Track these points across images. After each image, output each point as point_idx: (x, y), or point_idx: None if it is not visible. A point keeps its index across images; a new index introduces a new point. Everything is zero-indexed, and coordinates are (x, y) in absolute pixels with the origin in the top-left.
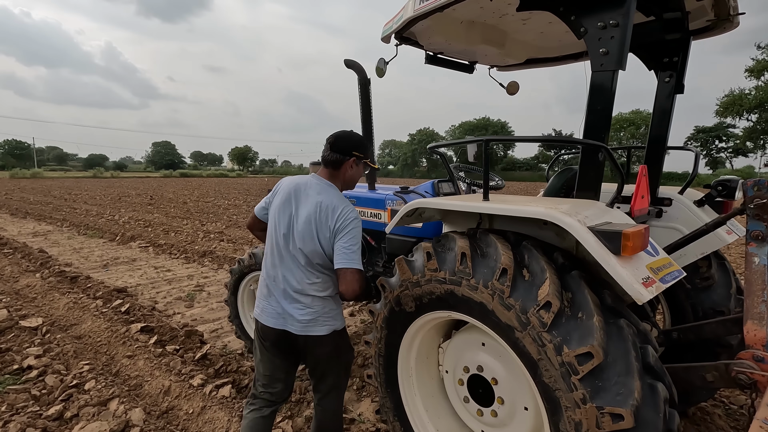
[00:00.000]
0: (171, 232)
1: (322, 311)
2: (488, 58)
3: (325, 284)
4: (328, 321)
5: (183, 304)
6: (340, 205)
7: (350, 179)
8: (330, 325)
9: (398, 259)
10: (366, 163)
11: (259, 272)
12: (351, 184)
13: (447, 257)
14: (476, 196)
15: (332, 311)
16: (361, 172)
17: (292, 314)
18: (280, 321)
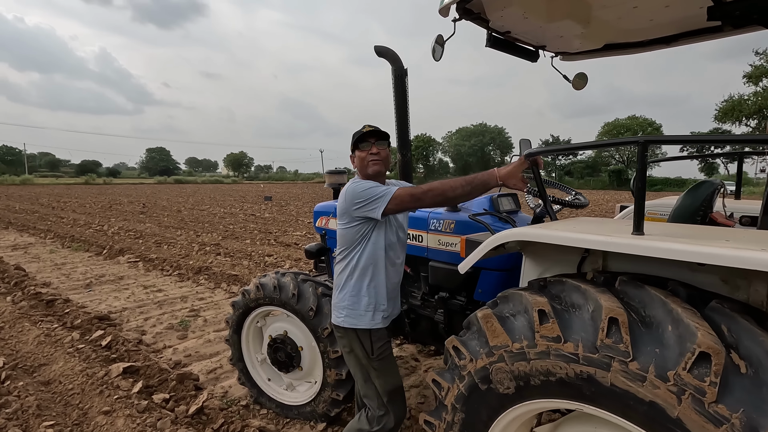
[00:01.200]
0: (164, 245)
1: (335, 300)
2: (560, 41)
3: (337, 272)
4: (338, 312)
5: (175, 335)
6: (346, 188)
7: (359, 169)
8: (338, 316)
9: (485, 315)
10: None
11: (268, 307)
12: (362, 169)
13: (578, 321)
14: (608, 226)
15: (341, 302)
16: (361, 157)
17: None
18: None
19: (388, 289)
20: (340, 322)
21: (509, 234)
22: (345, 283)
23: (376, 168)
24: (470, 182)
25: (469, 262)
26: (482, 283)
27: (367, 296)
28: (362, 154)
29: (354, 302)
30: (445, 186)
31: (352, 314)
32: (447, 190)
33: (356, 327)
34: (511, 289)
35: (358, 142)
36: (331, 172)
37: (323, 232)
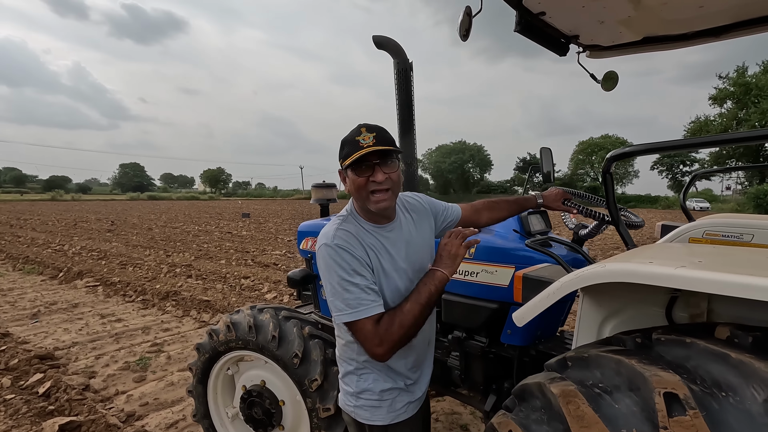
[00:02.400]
0: (129, 266)
1: (341, 380)
2: (598, 30)
3: (339, 344)
4: (346, 398)
5: (131, 377)
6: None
7: (354, 196)
8: (347, 403)
9: (566, 392)
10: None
11: (242, 351)
12: (357, 198)
13: (739, 415)
14: (726, 255)
15: (347, 387)
16: (352, 183)
17: None
18: None
19: (417, 356)
20: (350, 412)
21: (614, 272)
22: (350, 361)
23: (383, 205)
24: (428, 302)
25: (536, 309)
26: (512, 322)
27: (382, 379)
28: (359, 180)
29: (366, 388)
30: (407, 324)
31: (365, 405)
32: (410, 328)
33: (371, 423)
34: (592, 349)
35: (346, 156)
36: (318, 185)
37: (309, 256)
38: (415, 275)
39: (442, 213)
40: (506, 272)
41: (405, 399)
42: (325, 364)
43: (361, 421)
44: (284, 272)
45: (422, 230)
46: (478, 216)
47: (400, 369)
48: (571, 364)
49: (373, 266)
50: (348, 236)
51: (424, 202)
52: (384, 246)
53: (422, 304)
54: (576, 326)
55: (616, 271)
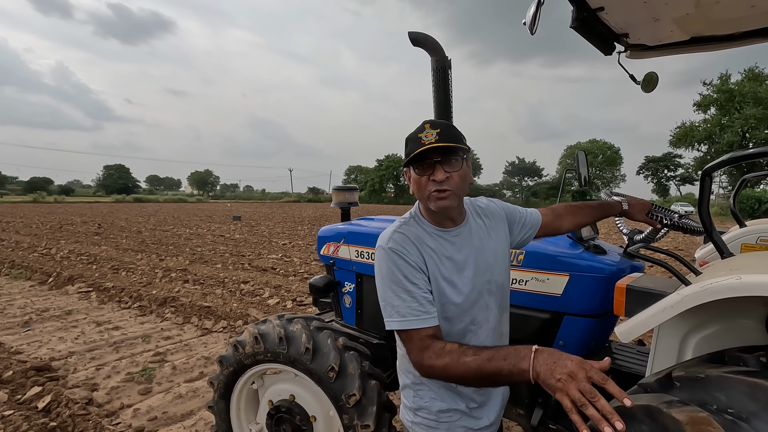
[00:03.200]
0: (122, 271)
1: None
2: (649, 28)
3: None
4: (406, 412)
5: (136, 389)
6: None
7: (417, 196)
8: (407, 418)
9: (697, 419)
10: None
11: (269, 364)
12: (420, 198)
13: None
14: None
15: (406, 400)
16: (415, 179)
17: None
18: None
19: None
20: (408, 428)
21: (752, 286)
22: (407, 374)
23: (444, 204)
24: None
25: (648, 324)
26: (565, 333)
27: (439, 397)
28: (420, 179)
29: (422, 406)
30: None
31: (422, 423)
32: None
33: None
34: (706, 368)
35: (412, 159)
36: (339, 188)
37: (331, 262)
38: (483, 287)
39: (520, 219)
40: (560, 280)
41: (466, 424)
42: (362, 378)
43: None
44: (283, 277)
45: (495, 237)
46: (560, 222)
47: (462, 388)
48: (680, 384)
49: (429, 273)
50: (404, 240)
51: (500, 206)
52: (446, 252)
53: (483, 371)
54: (654, 340)
55: (759, 285)
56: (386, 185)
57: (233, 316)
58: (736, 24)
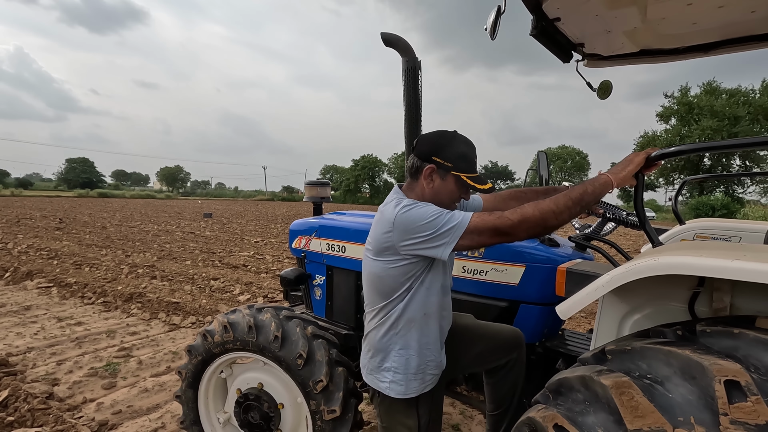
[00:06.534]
0: (85, 266)
1: (370, 363)
2: (602, 39)
3: (371, 327)
4: (379, 376)
5: (99, 384)
6: (394, 203)
7: (432, 198)
8: (382, 380)
9: (619, 383)
10: (458, 177)
11: (238, 352)
12: (437, 204)
13: None
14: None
15: (381, 365)
16: (450, 189)
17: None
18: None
19: (440, 341)
20: (384, 389)
21: (670, 265)
22: (386, 342)
23: (453, 208)
24: (579, 200)
25: (583, 302)
26: (521, 320)
27: (417, 356)
28: (454, 194)
29: (399, 365)
30: (545, 211)
31: (400, 380)
32: (548, 218)
33: (404, 396)
34: (633, 341)
35: (468, 170)
36: (311, 183)
37: (302, 255)
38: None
39: (461, 204)
40: (516, 271)
41: (434, 371)
42: (330, 365)
43: (394, 396)
44: (255, 273)
45: None
46: (504, 205)
47: (432, 342)
48: (611, 356)
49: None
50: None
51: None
52: None
53: (571, 197)
54: (596, 322)
55: (672, 264)
56: (362, 185)
57: (202, 312)
58: (681, 39)
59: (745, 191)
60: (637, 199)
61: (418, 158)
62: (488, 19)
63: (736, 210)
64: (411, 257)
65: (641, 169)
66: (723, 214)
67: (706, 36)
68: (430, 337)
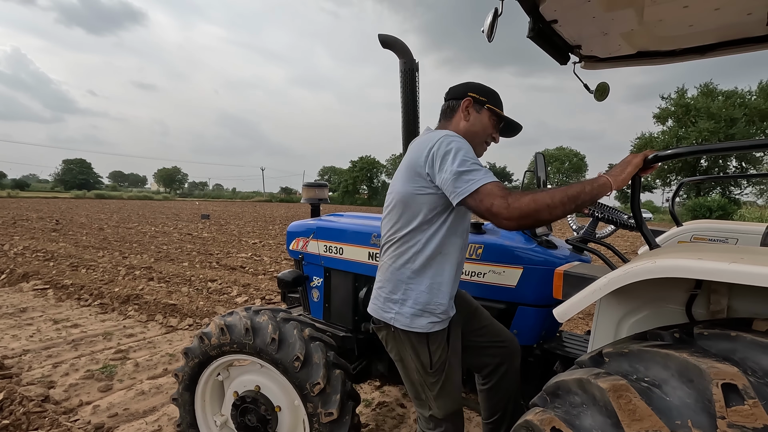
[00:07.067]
0: (81, 268)
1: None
2: (599, 41)
3: (391, 254)
4: (386, 305)
5: (96, 386)
6: (432, 136)
7: (467, 131)
8: (387, 311)
9: (617, 386)
10: (492, 110)
11: (235, 355)
12: (471, 137)
13: None
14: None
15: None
16: (484, 123)
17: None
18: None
19: (452, 288)
20: (389, 320)
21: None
22: (399, 274)
23: (481, 154)
24: (575, 199)
25: (580, 305)
26: (519, 322)
27: (427, 293)
28: (487, 125)
29: (410, 298)
30: (540, 203)
31: (406, 313)
32: (542, 210)
33: (410, 330)
34: (630, 344)
35: (500, 108)
36: (309, 185)
37: (300, 257)
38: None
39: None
40: (514, 273)
41: (442, 315)
42: (327, 367)
43: (399, 326)
44: (252, 275)
45: None
46: None
47: (444, 284)
48: (608, 359)
49: None
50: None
51: None
52: None
53: (568, 194)
54: (594, 324)
55: (669, 267)
56: (359, 186)
57: (199, 314)
58: (677, 41)
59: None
60: (633, 201)
61: (453, 98)
62: (485, 22)
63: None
64: (437, 188)
65: (638, 170)
66: (720, 215)
67: (702, 38)
68: (443, 277)
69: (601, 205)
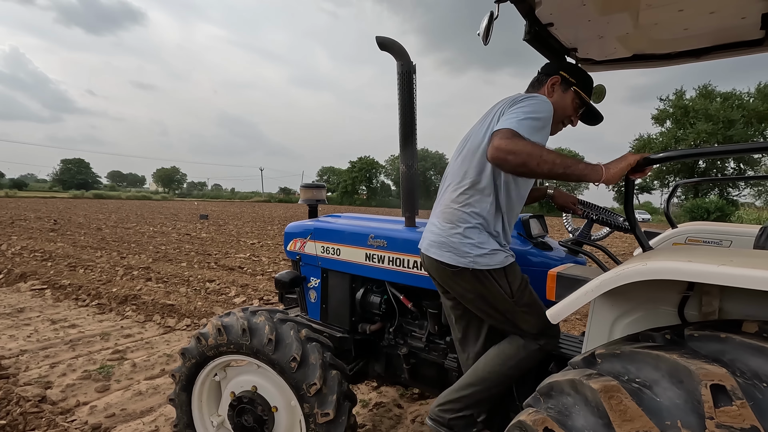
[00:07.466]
0: (79, 268)
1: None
2: (595, 44)
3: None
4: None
5: (93, 387)
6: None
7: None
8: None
9: (608, 387)
10: (578, 93)
11: (232, 355)
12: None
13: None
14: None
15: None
16: (566, 103)
17: None
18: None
19: (510, 235)
20: (467, 264)
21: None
22: (477, 213)
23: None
24: (564, 166)
25: (572, 306)
26: None
27: (501, 232)
28: (570, 107)
29: (487, 239)
30: (533, 152)
31: (484, 253)
32: (532, 159)
33: (490, 268)
34: (623, 345)
35: (588, 93)
36: (307, 186)
37: (297, 258)
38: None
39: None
40: None
41: (509, 256)
42: (324, 368)
43: (480, 268)
44: (251, 276)
45: None
46: None
47: (513, 222)
48: (601, 360)
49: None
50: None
51: None
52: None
53: (560, 159)
54: (588, 326)
55: (660, 269)
56: (359, 187)
57: (197, 314)
58: (673, 44)
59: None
60: (627, 204)
61: (544, 74)
62: (481, 25)
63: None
64: None
65: (631, 171)
66: (718, 217)
67: (697, 41)
68: (511, 218)
69: (597, 206)
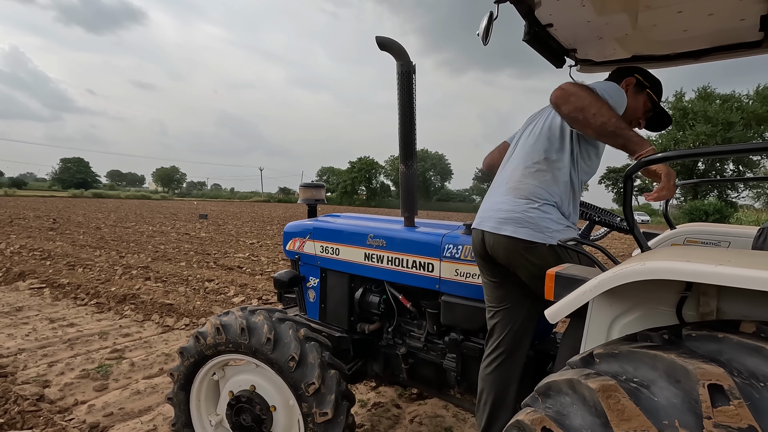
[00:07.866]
0: (78, 267)
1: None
2: (594, 45)
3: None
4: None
5: (91, 385)
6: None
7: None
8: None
9: (606, 387)
10: (651, 96)
11: (230, 354)
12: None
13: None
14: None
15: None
16: (638, 105)
17: None
18: None
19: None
20: (545, 239)
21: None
22: (554, 190)
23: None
24: (619, 128)
25: (571, 306)
26: None
27: (572, 211)
28: (640, 110)
29: (560, 216)
30: (593, 104)
31: (563, 230)
32: (589, 111)
33: (566, 243)
34: (620, 345)
35: (656, 91)
36: (306, 185)
37: (296, 257)
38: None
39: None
40: None
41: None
42: (322, 367)
43: (556, 242)
44: (250, 275)
45: None
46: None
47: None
48: (599, 360)
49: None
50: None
51: None
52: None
53: (615, 121)
54: (585, 326)
55: (657, 269)
56: (358, 187)
57: (196, 313)
58: (672, 45)
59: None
60: (626, 204)
61: (618, 76)
62: (480, 25)
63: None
64: None
65: (632, 171)
66: (717, 218)
67: (696, 43)
68: (576, 198)
69: (597, 208)
